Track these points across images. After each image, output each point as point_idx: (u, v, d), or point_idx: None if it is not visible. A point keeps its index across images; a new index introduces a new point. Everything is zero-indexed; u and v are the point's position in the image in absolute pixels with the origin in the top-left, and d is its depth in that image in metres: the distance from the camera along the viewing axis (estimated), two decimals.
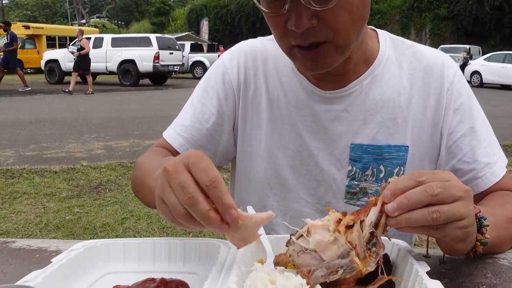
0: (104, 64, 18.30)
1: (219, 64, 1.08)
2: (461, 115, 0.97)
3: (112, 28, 46.95)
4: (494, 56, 19.60)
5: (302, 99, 1.00)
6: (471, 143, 0.96)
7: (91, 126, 8.01)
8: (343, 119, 0.98)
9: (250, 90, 1.04)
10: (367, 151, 0.97)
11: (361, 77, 0.98)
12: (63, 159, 5.60)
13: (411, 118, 0.97)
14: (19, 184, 4.55)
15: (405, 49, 1.01)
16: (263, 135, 1.03)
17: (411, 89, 0.98)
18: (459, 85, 0.98)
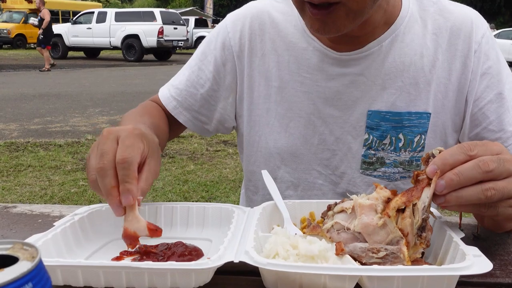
0: (108, 39, 18.14)
1: (221, 27, 1.01)
2: (488, 80, 0.90)
3: (116, 2, 46.41)
4: (503, 33, 19.29)
5: (315, 62, 0.92)
6: (498, 111, 0.89)
7: (95, 101, 7.95)
8: (360, 84, 0.90)
9: (257, 56, 0.97)
10: (386, 118, 0.90)
11: (380, 38, 0.89)
12: (67, 133, 5.56)
13: (435, 82, 0.90)
14: (23, 157, 4.52)
15: (430, 5, 0.93)
16: (272, 104, 0.96)
17: (436, 51, 0.90)
18: (487, 47, 0.90)
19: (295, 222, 0.76)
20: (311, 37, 0.92)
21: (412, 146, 0.91)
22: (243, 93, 0.98)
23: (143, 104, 1.05)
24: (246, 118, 1.00)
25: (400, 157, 0.91)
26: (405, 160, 0.91)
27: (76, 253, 0.70)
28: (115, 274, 0.58)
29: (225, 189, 3.71)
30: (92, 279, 0.59)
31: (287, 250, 0.59)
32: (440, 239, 0.65)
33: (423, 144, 0.91)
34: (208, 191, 3.66)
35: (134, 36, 17.63)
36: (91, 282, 0.59)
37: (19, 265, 0.35)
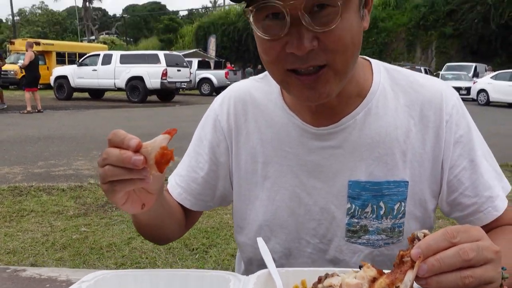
0: (113, 81, 18.48)
1: (211, 110, 1.09)
2: (461, 148, 0.95)
3: (121, 44, 47.52)
4: (500, 74, 19.56)
5: (295, 137, 0.98)
6: (471, 177, 0.94)
7: (99, 143, 8.05)
8: (339, 156, 0.95)
9: (242, 135, 1.03)
10: (366, 188, 0.95)
11: (354, 112, 0.95)
12: (70, 177, 5.63)
13: (410, 152, 0.94)
14: (26, 201, 4.57)
15: (401, 79, 0.98)
16: (259, 178, 1.01)
17: (409, 122, 0.95)
18: (458, 117, 0.95)
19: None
20: (290, 114, 0.99)
21: (393, 213, 0.95)
22: (233, 169, 1.05)
23: None
24: (236, 193, 1.06)
25: (382, 224, 0.96)
26: (387, 227, 0.96)
27: None
28: None
29: (226, 235, 3.74)
30: None
31: None
32: None
33: (404, 211, 0.96)
34: (208, 237, 3.68)
35: (138, 78, 17.97)
36: None
37: None
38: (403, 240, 0.96)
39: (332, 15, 0.75)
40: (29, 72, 13.23)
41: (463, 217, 0.96)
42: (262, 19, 0.80)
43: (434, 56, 33.77)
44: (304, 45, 0.77)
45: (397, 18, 35.83)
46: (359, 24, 0.82)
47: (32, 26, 56.27)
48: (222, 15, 40.35)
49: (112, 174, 0.70)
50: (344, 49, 0.80)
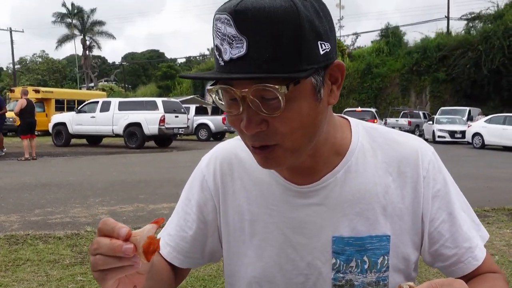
0: (111, 127, 18.65)
1: (198, 170, 1.12)
2: (439, 202, 0.98)
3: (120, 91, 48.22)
4: (494, 118, 19.85)
5: (280, 195, 1.00)
6: (451, 229, 0.98)
7: (96, 190, 8.05)
8: (322, 212, 0.98)
9: (229, 193, 1.06)
10: (349, 243, 0.97)
11: (334, 170, 0.98)
12: (67, 224, 5.60)
13: (390, 207, 0.97)
14: (22, 250, 4.53)
15: (378, 137, 1.02)
16: (246, 236, 1.04)
17: (387, 179, 0.98)
18: (434, 171, 0.99)
19: None
20: (273, 172, 1.02)
21: (377, 267, 0.98)
22: (221, 227, 1.07)
23: None
24: (225, 250, 1.08)
25: (367, 278, 0.98)
26: (372, 281, 0.98)
27: None
28: None
29: (223, 283, 3.69)
30: None
31: None
32: None
33: (387, 264, 0.98)
34: (206, 285, 3.65)
35: (136, 124, 18.15)
36: None
37: None
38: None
39: (276, 104, 0.78)
40: (22, 119, 13.25)
41: (445, 267, 1.00)
42: (220, 97, 0.85)
43: (429, 100, 34.33)
44: (251, 127, 0.81)
45: (391, 64, 36.68)
46: (314, 106, 0.83)
47: (32, 74, 57.17)
48: None
49: (103, 263, 0.73)
50: (292, 132, 0.82)
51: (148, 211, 6.38)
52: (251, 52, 0.75)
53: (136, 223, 5.66)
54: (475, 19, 35.41)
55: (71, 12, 55.09)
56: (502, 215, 6.17)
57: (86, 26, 55.57)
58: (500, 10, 33.04)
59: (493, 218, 6.01)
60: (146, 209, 6.51)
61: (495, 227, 5.54)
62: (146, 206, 6.74)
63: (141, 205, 6.78)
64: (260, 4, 0.74)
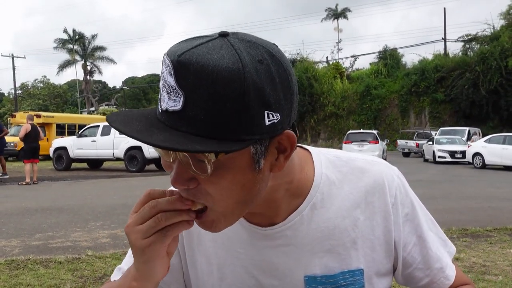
0: (112, 151, 18.69)
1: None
2: (408, 226, 0.97)
3: None
4: (494, 138, 19.91)
5: (246, 239, 0.96)
6: (422, 252, 0.98)
7: (97, 214, 8.04)
8: (291, 253, 0.94)
9: (194, 237, 1.01)
10: (322, 281, 0.93)
11: (299, 208, 0.93)
12: (68, 249, 5.58)
13: (360, 240, 0.94)
14: (23, 275, 4.51)
15: (342, 166, 0.97)
16: (215, 280, 0.99)
17: (355, 211, 0.95)
18: (402, 196, 0.97)
19: None
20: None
21: None
22: (188, 271, 1.03)
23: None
24: None
25: None
26: None
27: None
28: None
29: None
30: None
31: None
32: None
33: None
34: None
35: (137, 148, 18.19)
36: None
37: None
38: None
39: (206, 167, 0.71)
40: (26, 144, 13.42)
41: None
42: None
43: (428, 120, 34.49)
44: (178, 182, 0.74)
45: (389, 86, 36.99)
46: (250, 176, 0.75)
47: (34, 99, 57.56)
48: None
49: (166, 219, 0.75)
50: (223, 198, 0.75)
51: None
52: (187, 109, 0.67)
53: None
54: (472, 40, 35.88)
55: (72, 38, 55.85)
56: (504, 235, 6.14)
57: (87, 52, 56.26)
58: (496, 31, 33.49)
59: (496, 238, 5.99)
60: None
61: (497, 247, 5.52)
62: None
63: None
64: (205, 60, 0.66)
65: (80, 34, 56.22)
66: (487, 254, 5.20)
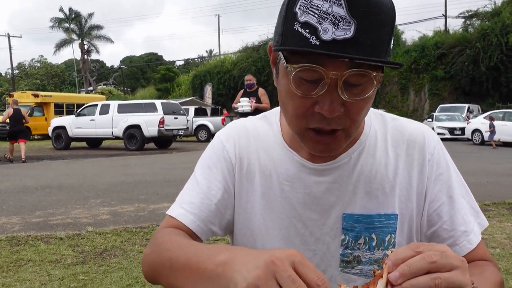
0: (110, 130, 18.66)
1: (217, 143, 1.13)
2: (440, 185, 1.02)
3: (119, 94, 48.21)
4: (493, 114, 19.88)
5: (294, 172, 1.04)
6: (450, 212, 1.01)
7: (96, 191, 8.06)
8: (334, 190, 1.02)
9: (244, 165, 1.08)
10: (359, 220, 1.01)
11: (349, 151, 1.02)
12: (68, 225, 5.61)
13: (398, 187, 1.02)
14: (24, 251, 4.54)
15: (388, 122, 1.08)
16: (257, 209, 1.06)
17: (396, 161, 1.03)
18: (438, 156, 1.04)
19: None
20: (289, 151, 1.05)
21: (384, 245, 1.01)
22: (235, 199, 1.09)
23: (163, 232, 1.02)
24: (236, 223, 1.09)
25: (374, 255, 1.01)
26: (379, 258, 1.01)
27: None
28: None
29: None
30: None
31: None
32: None
33: (394, 242, 1.02)
34: None
35: (136, 127, 18.16)
36: None
37: None
38: None
39: (360, 90, 0.83)
40: (10, 127, 14.58)
41: None
42: (298, 75, 0.84)
43: (428, 98, 34.34)
44: (335, 109, 0.83)
45: None
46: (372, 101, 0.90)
47: (31, 79, 57.14)
48: (217, 64, 41.22)
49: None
50: (360, 119, 0.89)
51: (149, 211, 6.39)
52: (357, 36, 0.76)
53: (137, 222, 5.68)
54: (473, 16, 35.46)
55: (69, 17, 55.11)
56: (502, 209, 6.20)
57: (84, 31, 55.59)
58: (497, 7, 33.07)
59: (494, 212, 6.04)
60: (147, 209, 6.52)
61: (496, 220, 5.56)
62: (147, 206, 6.75)
63: (142, 205, 6.78)
64: None
65: (77, 13, 55.42)
66: (485, 228, 5.23)
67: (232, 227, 1.13)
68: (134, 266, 4.03)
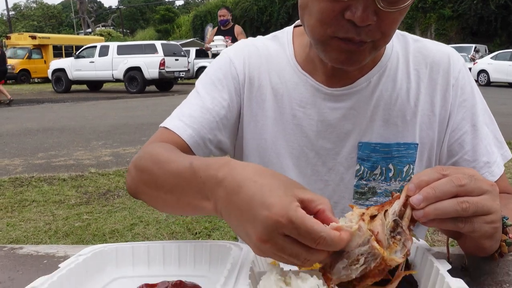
0: (110, 72, 18.41)
1: (224, 58, 1.04)
2: (463, 112, 0.96)
3: (118, 36, 47.25)
4: (501, 54, 19.48)
5: (307, 97, 0.96)
6: (472, 142, 0.95)
7: (98, 134, 8.03)
8: (351, 117, 0.95)
9: (255, 86, 1.00)
10: (376, 149, 0.94)
11: (368, 74, 0.94)
12: (71, 167, 5.61)
13: (420, 115, 0.95)
14: (28, 192, 4.55)
15: (411, 44, 0.99)
16: (268, 134, 0.99)
17: (418, 85, 0.95)
18: (463, 81, 0.96)
19: None
20: (303, 74, 0.97)
21: (402, 176, 0.95)
22: (243, 122, 1.02)
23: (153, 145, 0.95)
24: (245, 147, 1.03)
25: (391, 186, 0.95)
26: (395, 190, 0.95)
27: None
28: None
29: None
30: None
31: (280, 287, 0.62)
32: (428, 272, 0.68)
33: (412, 173, 0.95)
34: (211, 221, 3.67)
35: (136, 69, 17.88)
36: None
37: None
38: None
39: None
40: None
41: None
42: None
43: (434, 38, 33.54)
44: (368, 17, 0.75)
45: None
46: None
47: (28, 21, 55.91)
48: (218, 4, 40.01)
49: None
50: (392, 32, 0.82)
51: None
52: None
53: None
54: None
55: None
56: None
57: None
58: None
59: None
60: None
61: None
62: None
63: None
64: None
65: None
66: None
67: (227, 151, 1.06)
68: (138, 206, 4.04)
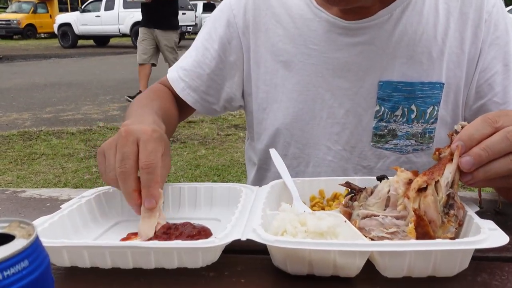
0: (117, 27, 18.11)
1: (225, 5, 0.99)
2: (496, 51, 0.87)
3: None
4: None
5: (322, 33, 0.89)
6: (503, 83, 0.87)
7: (106, 88, 7.97)
8: (370, 53, 0.87)
9: (261, 31, 0.94)
10: (398, 88, 0.87)
11: (390, 6, 0.86)
12: (79, 121, 5.59)
13: (447, 52, 0.87)
14: (37, 145, 4.55)
15: None
16: (279, 79, 0.93)
17: (448, 20, 0.87)
18: (497, 17, 0.88)
19: (304, 200, 0.75)
20: (318, 8, 0.89)
21: (425, 117, 0.88)
22: (250, 70, 0.96)
23: (152, 87, 1.04)
24: (254, 96, 0.98)
25: (413, 129, 0.89)
26: (417, 132, 0.89)
27: (83, 235, 0.70)
28: (121, 254, 0.58)
29: (237, 172, 3.71)
30: (98, 259, 0.58)
31: (295, 227, 0.57)
32: None
33: (436, 115, 0.89)
34: (220, 175, 3.66)
35: None
36: (97, 263, 0.59)
37: (15, 243, 0.34)
38: (433, 147, 0.89)
39: None
40: None
41: None
42: None
43: None
44: None
45: None
46: None
47: None
48: None
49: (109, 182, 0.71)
50: None
51: None
52: None
53: None
54: None
55: None
56: None
57: None
58: None
59: None
60: None
61: None
62: None
63: None
64: None
65: None
66: None
67: (238, 103, 1.02)
68: None
